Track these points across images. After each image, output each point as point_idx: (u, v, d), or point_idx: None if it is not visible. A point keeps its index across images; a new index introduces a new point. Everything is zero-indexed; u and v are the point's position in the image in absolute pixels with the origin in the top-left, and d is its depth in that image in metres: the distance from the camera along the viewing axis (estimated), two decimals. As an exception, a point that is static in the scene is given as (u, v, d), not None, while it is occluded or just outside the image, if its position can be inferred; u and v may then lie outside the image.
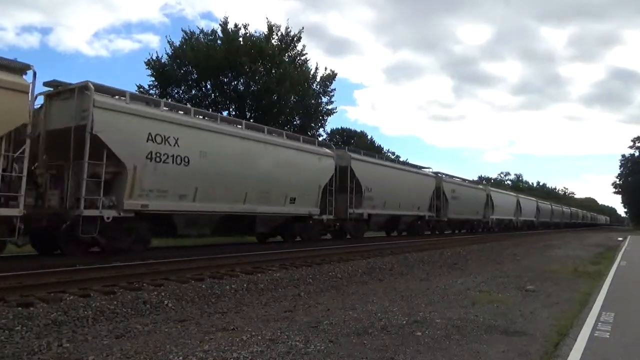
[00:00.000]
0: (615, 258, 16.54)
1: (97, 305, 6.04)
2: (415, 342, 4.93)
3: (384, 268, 11.62)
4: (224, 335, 5.04)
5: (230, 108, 28.08)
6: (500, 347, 4.83)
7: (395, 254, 14.80)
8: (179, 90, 27.75)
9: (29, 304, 5.90)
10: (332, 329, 5.35)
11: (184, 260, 10.31)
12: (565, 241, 29.19)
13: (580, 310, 6.86)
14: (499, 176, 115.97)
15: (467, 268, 12.52)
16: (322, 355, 4.39)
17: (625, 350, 4.83)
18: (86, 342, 4.74)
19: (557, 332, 5.50)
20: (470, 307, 6.86)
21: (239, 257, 11.61)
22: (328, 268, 10.68)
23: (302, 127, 29.59)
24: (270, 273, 9.51)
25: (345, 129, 50.14)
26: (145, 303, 6.46)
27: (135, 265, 9.31)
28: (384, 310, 6.49)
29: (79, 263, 9.12)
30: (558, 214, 66.77)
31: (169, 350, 4.41)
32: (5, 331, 4.89)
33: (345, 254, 13.52)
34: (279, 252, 12.93)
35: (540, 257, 16.76)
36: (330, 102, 31.95)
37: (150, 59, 26.93)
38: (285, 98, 27.98)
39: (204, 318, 6.01)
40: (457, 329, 5.50)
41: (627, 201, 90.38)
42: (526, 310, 6.75)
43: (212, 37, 27.89)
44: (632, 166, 79.64)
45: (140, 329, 5.32)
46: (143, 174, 10.96)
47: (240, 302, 7.08)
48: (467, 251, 17.45)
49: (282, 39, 29.66)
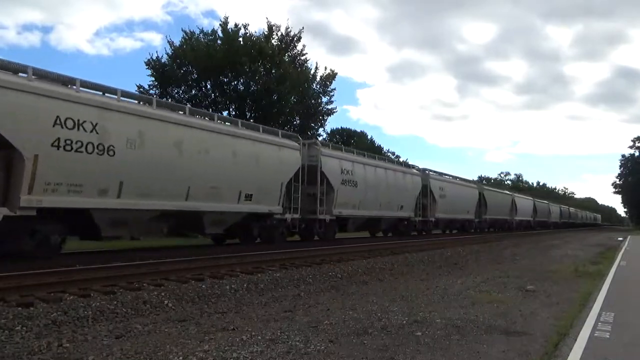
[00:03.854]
0: (615, 258, 16.54)
1: (97, 305, 6.04)
2: (415, 342, 4.93)
3: (384, 268, 11.63)
4: (224, 335, 5.05)
5: (230, 108, 28.11)
6: (500, 347, 4.83)
7: (395, 254, 14.81)
8: (179, 90, 27.78)
9: (29, 304, 5.89)
10: (332, 329, 5.36)
11: (184, 260, 10.31)
12: (565, 241, 29.21)
13: (580, 310, 6.86)
14: (499, 176, 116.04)
15: (467, 268, 12.54)
16: (322, 355, 4.39)
17: (625, 350, 4.83)
18: (86, 342, 4.74)
19: (557, 332, 5.50)
20: (470, 307, 6.86)
21: (239, 257, 11.61)
22: (328, 268, 10.69)
23: (302, 127, 29.62)
24: (270, 273, 9.51)
25: (345, 128, 50.17)
26: (145, 303, 6.46)
27: (135, 265, 9.31)
28: (384, 310, 6.49)
29: (79, 263, 9.12)
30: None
31: (169, 350, 4.41)
32: (5, 331, 4.89)
33: (345, 254, 13.53)
34: (279, 252, 12.93)
35: (540, 257, 16.77)
36: (330, 102, 32.04)
37: (150, 58, 26.99)
38: (285, 98, 27.99)
39: (204, 318, 6.01)
40: (457, 329, 5.50)
41: (627, 201, 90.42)
42: (526, 310, 6.75)
43: (212, 37, 27.92)
44: (632, 166, 79.65)
45: (140, 329, 5.32)
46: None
47: (240, 302, 7.08)
48: (467, 251, 17.46)
49: (282, 39, 29.70)
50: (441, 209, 28.23)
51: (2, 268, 7.72)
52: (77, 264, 8.96)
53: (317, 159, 17.64)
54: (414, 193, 25.36)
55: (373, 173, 21.58)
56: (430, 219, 27.34)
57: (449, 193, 29.40)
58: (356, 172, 20.01)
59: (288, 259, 11.69)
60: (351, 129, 50.77)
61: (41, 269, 8.12)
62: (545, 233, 44.57)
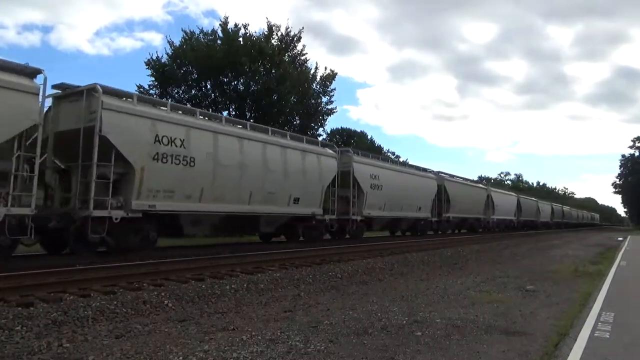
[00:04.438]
0: (615, 258, 16.54)
1: (97, 305, 6.04)
2: (415, 342, 4.93)
3: (384, 268, 11.62)
4: (224, 335, 5.05)
5: (230, 108, 28.06)
6: (500, 347, 4.83)
7: (395, 254, 14.81)
8: (179, 90, 27.73)
9: (29, 304, 5.89)
10: (332, 329, 5.36)
11: (184, 260, 10.32)
12: (565, 241, 29.21)
13: (580, 310, 6.86)
14: (499, 176, 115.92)
15: (467, 268, 12.54)
16: (322, 355, 4.39)
17: (625, 350, 4.83)
18: (86, 342, 4.74)
19: (557, 332, 5.50)
20: (470, 307, 6.86)
21: (239, 257, 11.62)
22: (328, 268, 10.69)
23: (302, 127, 29.57)
24: (270, 273, 9.51)
25: (345, 128, 50.05)
26: (145, 303, 6.46)
27: (135, 265, 9.31)
28: (384, 310, 6.49)
29: (79, 263, 9.13)
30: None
31: (169, 350, 4.41)
32: (5, 331, 4.89)
33: (345, 254, 13.53)
34: (279, 252, 12.94)
35: (540, 257, 16.78)
36: (330, 102, 31.97)
37: (150, 58, 26.94)
38: (285, 98, 27.97)
39: (204, 318, 6.01)
40: (457, 329, 5.50)
41: (627, 201, 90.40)
42: (526, 310, 6.75)
43: (212, 37, 27.89)
44: (632, 166, 79.66)
45: (140, 329, 5.32)
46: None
47: (240, 302, 7.08)
48: (467, 251, 17.46)
49: (282, 39, 29.66)
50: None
51: (2, 268, 7.73)
52: (77, 264, 8.97)
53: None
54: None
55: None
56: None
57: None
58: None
59: (288, 259, 11.69)
60: (351, 129, 50.74)
61: (41, 269, 8.13)
62: (546, 233, 44.57)
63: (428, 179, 27.37)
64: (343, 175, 19.12)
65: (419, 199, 25.55)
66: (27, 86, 9.11)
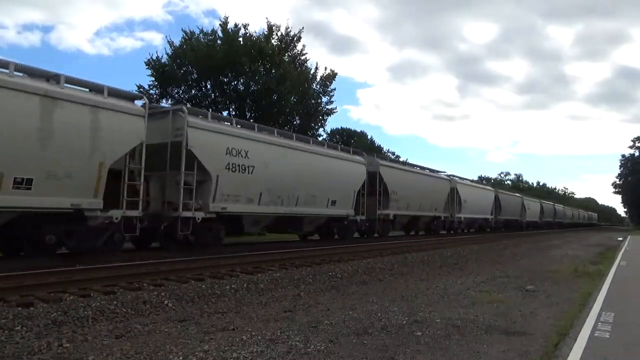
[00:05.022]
0: (615, 258, 16.54)
1: (97, 305, 6.04)
2: (415, 342, 4.94)
3: (384, 268, 11.62)
4: (224, 335, 5.05)
5: (230, 108, 28.06)
6: (500, 347, 4.83)
7: (395, 254, 14.81)
8: (179, 90, 27.74)
9: (29, 304, 5.89)
10: (332, 329, 5.36)
11: (184, 260, 10.32)
12: (565, 241, 29.22)
13: (580, 310, 6.86)
14: (499, 176, 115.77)
15: (467, 268, 12.54)
16: (322, 355, 4.40)
17: (625, 350, 4.83)
18: (86, 342, 4.74)
19: (557, 332, 5.50)
20: (470, 307, 6.86)
21: (239, 257, 11.62)
22: (328, 268, 10.69)
23: (302, 127, 29.57)
24: (270, 273, 9.51)
25: (345, 128, 49.95)
26: (145, 303, 6.46)
27: (135, 265, 9.32)
28: (384, 310, 6.50)
29: (79, 263, 9.12)
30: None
31: (169, 350, 4.41)
32: (5, 331, 4.89)
33: (346, 254, 13.54)
34: (279, 252, 12.94)
35: (540, 257, 16.78)
36: (330, 102, 31.99)
37: (150, 58, 26.96)
38: (285, 98, 27.96)
39: (204, 318, 6.01)
40: (457, 329, 5.50)
41: (627, 201, 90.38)
42: (526, 310, 6.75)
43: (212, 37, 27.89)
44: (632, 166, 79.64)
45: (140, 329, 5.32)
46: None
47: (240, 302, 7.08)
48: (467, 251, 17.46)
49: (282, 38, 29.66)
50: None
51: (2, 268, 7.73)
52: (78, 264, 8.97)
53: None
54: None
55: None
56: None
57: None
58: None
59: (288, 259, 11.69)
60: (351, 129, 50.71)
61: (41, 268, 8.13)
62: (546, 233, 44.55)
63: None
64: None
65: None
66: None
